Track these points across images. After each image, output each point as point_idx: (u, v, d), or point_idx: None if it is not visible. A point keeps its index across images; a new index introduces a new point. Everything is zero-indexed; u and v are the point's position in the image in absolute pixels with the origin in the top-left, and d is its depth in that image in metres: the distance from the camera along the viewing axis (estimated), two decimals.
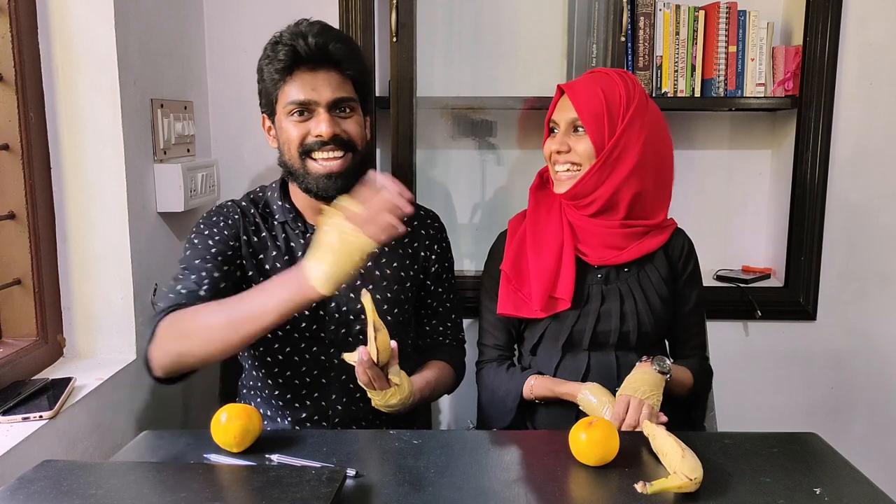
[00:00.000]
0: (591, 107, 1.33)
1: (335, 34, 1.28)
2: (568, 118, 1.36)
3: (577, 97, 1.34)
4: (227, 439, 1.07)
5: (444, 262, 1.47)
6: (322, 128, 1.25)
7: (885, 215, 2.01)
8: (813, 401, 2.08)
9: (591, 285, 1.39)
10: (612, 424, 1.08)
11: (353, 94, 1.29)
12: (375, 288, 1.36)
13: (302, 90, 1.25)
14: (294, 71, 1.25)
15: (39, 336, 1.43)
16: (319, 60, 1.25)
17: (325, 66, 1.25)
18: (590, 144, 1.33)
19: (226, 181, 1.90)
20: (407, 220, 1.42)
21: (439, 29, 2.03)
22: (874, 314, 2.04)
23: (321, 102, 1.25)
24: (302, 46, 1.24)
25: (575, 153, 1.35)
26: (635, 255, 1.38)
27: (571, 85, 1.38)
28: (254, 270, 1.33)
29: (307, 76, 1.25)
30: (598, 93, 1.33)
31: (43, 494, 0.90)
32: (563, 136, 1.37)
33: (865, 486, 1.02)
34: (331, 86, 1.26)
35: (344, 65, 1.27)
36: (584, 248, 1.39)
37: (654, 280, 1.40)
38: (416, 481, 1.02)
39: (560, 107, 1.39)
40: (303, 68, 1.25)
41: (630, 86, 1.35)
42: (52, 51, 1.41)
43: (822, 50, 1.91)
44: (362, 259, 1.06)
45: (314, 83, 1.25)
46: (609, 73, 1.37)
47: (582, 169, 1.35)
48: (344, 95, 1.27)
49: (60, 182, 1.45)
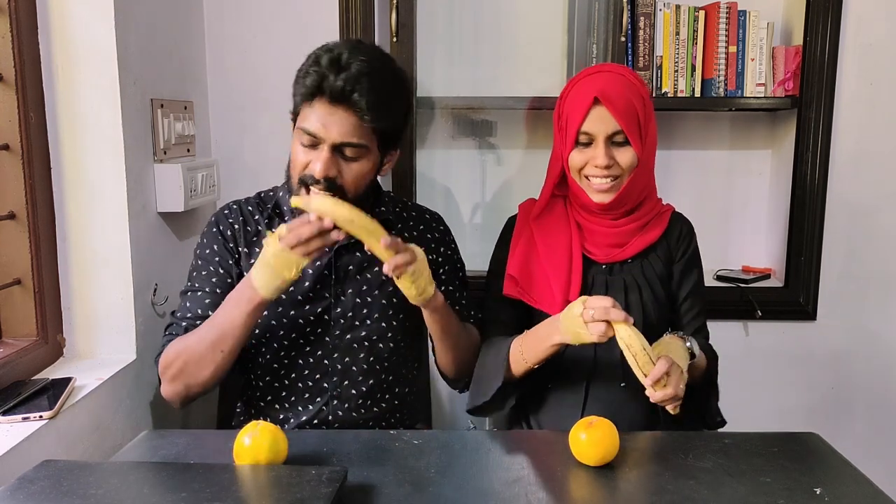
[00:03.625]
0: (630, 116, 1.29)
1: (374, 81, 1.20)
2: (608, 130, 1.29)
3: (617, 108, 1.28)
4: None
5: (453, 262, 1.47)
6: (317, 167, 1.21)
7: (885, 215, 2.01)
8: (813, 401, 2.08)
9: (595, 276, 1.39)
10: (612, 424, 1.07)
11: (365, 139, 1.23)
12: (381, 293, 1.35)
13: (315, 121, 1.21)
14: (315, 98, 1.21)
15: (39, 336, 1.43)
16: (341, 99, 1.20)
17: (345, 105, 1.20)
18: (634, 155, 1.30)
19: (226, 181, 1.90)
20: (412, 225, 1.43)
21: (439, 29, 2.03)
22: (874, 314, 2.04)
23: (326, 141, 1.21)
24: (330, 82, 1.19)
25: (618, 166, 1.31)
26: (639, 248, 1.38)
27: (607, 95, 1.29)
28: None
29: (325, 109, 1.20)
30: (631, 99, 1.30)
31: (43, 494, 0.90)
32: (604, 148, 1.30)
33: (865, 486, 1.02)
34: (342, 128, 1.20)
35: (366, 112, 1.20)
36: (591, 247, 1.38)
37: (657, 270, 1.40)
38: (417, 481, 1.02)
39: (596, 117, 1.30)
40: (323, 99, 1.21)
41: (641, 83, 1.34)
42: (52, 51, 1.41)
43: (822, 50, 1.91)
44: (297, 271, 1.18)
45: (327, 119, 1.20)
46: (625, 73, 1.33)
47: (622, 178, 1.32)
48: (352, 141, 1.21)
49: (60, 182, 1.45)
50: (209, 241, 1.36)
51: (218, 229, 1.35)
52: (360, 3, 1.85)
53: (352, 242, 1.34)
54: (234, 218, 1.36)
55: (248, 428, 1.03)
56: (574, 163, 1.33)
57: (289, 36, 1.89)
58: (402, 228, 1.41)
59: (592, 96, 1.28)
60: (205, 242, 1.36)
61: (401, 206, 1.46)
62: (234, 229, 1.35)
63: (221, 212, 1.38)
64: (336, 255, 1.34)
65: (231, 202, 1.40)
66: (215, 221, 1.36)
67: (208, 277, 1.34)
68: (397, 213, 1.42)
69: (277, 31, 1.89)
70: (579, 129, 1.30)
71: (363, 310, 1.34)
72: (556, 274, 1.35)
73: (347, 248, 1.34)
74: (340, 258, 1.34)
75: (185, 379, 1.26)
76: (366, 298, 1.35)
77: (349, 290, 1.34)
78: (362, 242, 1.22)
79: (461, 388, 1.47)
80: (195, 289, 1.33)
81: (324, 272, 1.33)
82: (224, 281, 1.33)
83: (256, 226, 1.36)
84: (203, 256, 1.35)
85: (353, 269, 1.35)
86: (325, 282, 1.33)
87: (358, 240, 1.22)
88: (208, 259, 1.34)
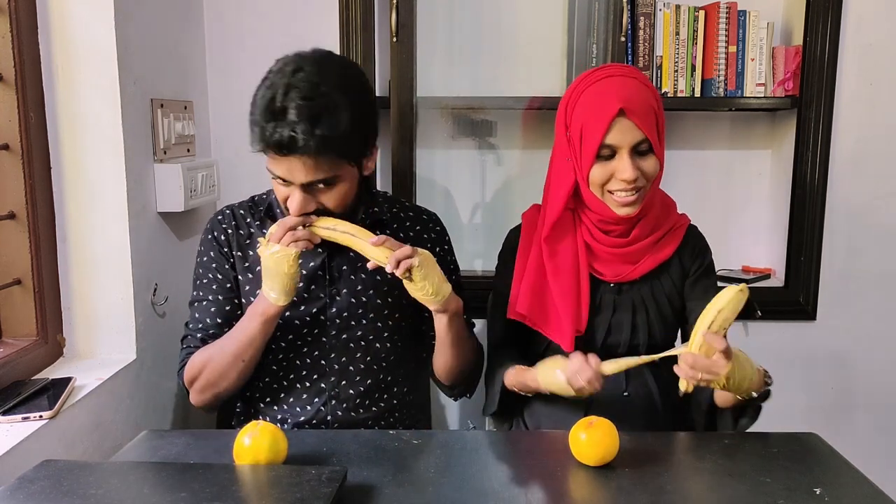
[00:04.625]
0: (652, 124, 1.23)
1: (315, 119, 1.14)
2: (633, 140, 1.22)
3: (641, 117, 1.21)
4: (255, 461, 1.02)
5: (447, 263, 1.46)
6: (294, 206, 1.21)
7: (885, 215, 2.01)
8: (813, 401, 2.08)
9: (603, 294, 1.34)
10: (612, 424, 1.07)
11: (332, 170, 1.20)
12: (375, 293, 1.36)
13: (277, 168, 1.19)
14: (268, 150, 1.18)
15: (39, 336, 1.43)
16: (288, 150, 1.15)
17: (297, 154, 1.16)
18: (656, 162, 1.25)
19: (226, 181, 1.90)
20: (408, 225, 1.43)
21: (439, 29, 2.03)
22: (874, 314, 2.04)
23: (295, 182, 1.20)
24: (269, 136, 1.15)
25: (643, 177, 1.25)
26: (650, 266, 1.32)
27: (631, 104, 1.21)
28: (249, 279, 1.35)
29: (279, 159, 1.18)
30: (651, 106, 1.23)
31: (43, 494, 0.90)
32: (629, 160, 1.22)
33: (865, 486, 1.02)
34: (304, 169, 1.18)
35: (319, 152, 1.16)
36: (599, 266, 1.33)
37: (667, 289, 1.35)
38: (417, 481, 1.02)
39: (621, 129, 1.21)
40: (272, 151, 1.18)
41: (652, 87, 1.28)
42: (52, 51, 1.41)
43: (822, 50, 1.91)
44: (293, 263, 1.21)
45: (287, 165, 1.18)
46: (638, 76, 1.27)
47: (646, 188, 1.26)
48: (318, 178, 1.19)
49: (60, 182, 1.45)
50: (206, 248, 1.38)
51: (213, 236, 1.37)
52: (360, 3, 1.85)
53: None
54: (227, 223, 1.38)
55: (248, 428, 1.03)
56: (596, 178, 1.25)
57: (289, 36, 1.88)
58: (398, 229, 1.41)
59: (616, 107, 1.20)
60: (202, 250, 1.38)
61: (397, 206, 1.45)
62: (227, 234, 1.37)
63: (215, 218, 1.39)
64: (329, 255, 1.34)
65: (225, 207, 1.41)
66: (210, 228, 1.38)
67: (209, 286, 1.36)
68: (394, 214, 1.42)
69: (277, 31, 1.89)
70: (602, 142, 1.22)
71: (358, 309, 1.34)
72: (564, 303, 1.31)
73: (340, 249, 1.34)
74: (333, 259, 1.35)
75: (213, 389, 1.31)
76: (360, 298, 1.35)
77: (343, 289, 1.34)
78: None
79: (455, 395, 1.48)
80: (200, 298, 1.37)
81: (318, 273, 1.34)
82: (225, 287, 1.36)
83: (248, 229, 1.37)
84: (203, 265, 1.38)
85: (347, 269, 1.35)
86: (320, 282, 1.34)
87: None
88: (207, 267, 1.37)
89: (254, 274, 1.35)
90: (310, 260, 1.33)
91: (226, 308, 1.35)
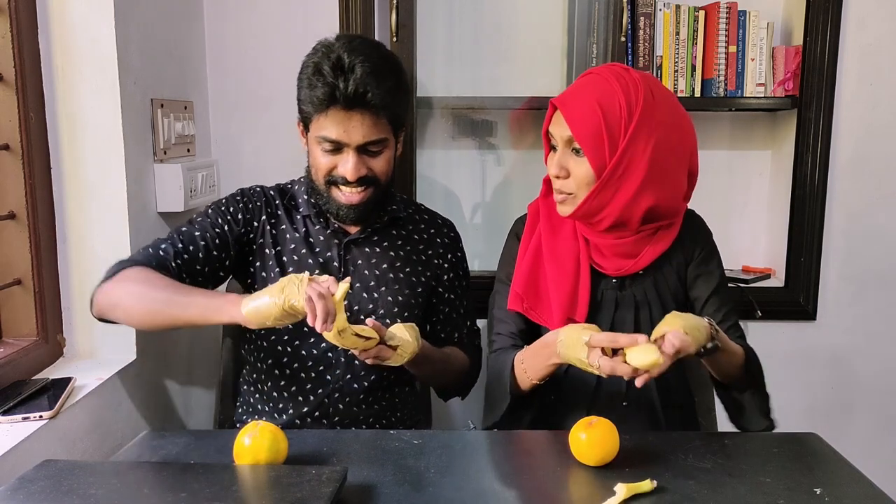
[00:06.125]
0: (587, 126, 1.21)
1: (379, 76, 1.22)
2: (565, 136, 1.24)
3: (572, 115, 1.22)
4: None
5: (458, 270, 1.48)
6: (349, 170, 1.26)
7: (885, 216, 2.01)
8: (813, 401, 2.08)
9: (605, 290, 1.33)
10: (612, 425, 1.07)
11: (385, 133, 1.28)
12: (387, 290, 1.37)
13: (335, 129, 1.24)
14: (329, 108, 1.23)
15: (39, 336, 1.43)
16: (356, 104, 1.22)
17: (361, 108, 1.23)
18: (589, 169, 1.23)
19: (226, 181, 1.90)
20: (423, 227, 1.44)
21: (439, 29, 2.03)
22: (874, 314, 2.04)
23: (351, 144, 1.25)
24: (341, 90, 1.21)
25: (572, 179, 1.25)
26: (651, 258, 1.31)
27: (564, 100, 1.24)
28: (264, 257, 1.36)
29: (341, 115, 1.23)
30: (594, 108, 1.20)
31: (43, 494, 0.90)
32: (561, 156, 1.26)
33: (865, 486, 1.02)
34: (363, 128, 1.24)
35: (381, 109, 1.24)
36: (599, 259, 1.32)
37: (670, 282, 1.34)
38: (417, 481, 1.02)
39: (556, 121, 1.27)
40: (338, 106, 1.23)
41: (631, 89, 1.22)
42: (52, 51, 1.41)
43: (822, 50, 1.91)
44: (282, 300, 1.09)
45: (347, 124, 1.24)
46: (606, 78, 1.23)
47: (577, 197, 1.26)
48: (375, 138, 1.26)
49: (60, 182, 1.45)
50: (227, 202, 1.39)
51: (242, 197, 1.39)
52: (360, 3, 1.85)
53: (362, 237, 1.38)
54: (258, 197, 1.40)
55: (248, 428, 1.03)
56: (548, 166, 1.31)
57: (289, 36, 1.88)
58: (413, 230, 1.44)
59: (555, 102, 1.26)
60: (222, 202, 1.39)
61: (413, 207, 1.49)
62: (255, 205, 1.39)
63: (247, 189, 1.42)
64: (346, 248, 1.36)
65: (255, 185, 1.44)
66: (241, 192, 1.41)
67: (208, 223, 1.34)
68: (409, 215, 1.45)
69: (277, 30, 1.89)
70: (547, 129, 1.30)
71: (369, 304, 1.36)
72: (558, 291, 1.30)
73: (357, 241, 1.36)
74: (350, 251, 1.36)
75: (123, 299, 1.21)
76: (373, 294, 1.36)
77: (357, 283, 1.36)
78: (372, 236, 1.36)
79: (446, 398, 1.51)
80: (190, 223, 1.35)
81: (333, 264, 1.36)
82: (224, 233, 1.34)
83: (276, 210, 1.40)
84: (215, 207, 1.38)
85: (362, 263, 1.37)
86: (334, 274, 1.34)
87: (367, 234, 1.36)
88: (218, 211, 1.37)
89: (270, 249, 1.36)
90: (326, 250, 1.35)
91: (195, 267, 1.30)
